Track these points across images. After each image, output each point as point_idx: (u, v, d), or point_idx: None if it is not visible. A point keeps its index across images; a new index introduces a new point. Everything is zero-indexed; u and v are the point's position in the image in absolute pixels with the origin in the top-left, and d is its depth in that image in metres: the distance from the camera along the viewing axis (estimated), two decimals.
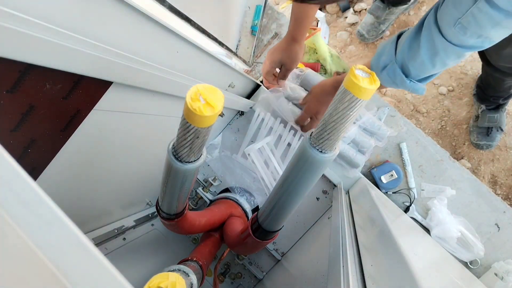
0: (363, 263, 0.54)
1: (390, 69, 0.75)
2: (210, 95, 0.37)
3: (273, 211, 0.60)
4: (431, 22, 0.65)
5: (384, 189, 1.12)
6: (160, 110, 0.69)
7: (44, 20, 0.34)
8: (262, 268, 1.12)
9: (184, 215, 0.63)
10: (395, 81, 0.75)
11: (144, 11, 0.46)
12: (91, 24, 0.42)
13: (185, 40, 0.59)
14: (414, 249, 0.64)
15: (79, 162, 0.58)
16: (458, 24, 0.59)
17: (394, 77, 0.75)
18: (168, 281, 0.39)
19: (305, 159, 0.49)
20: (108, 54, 0.43)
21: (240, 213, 0.97)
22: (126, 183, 0.80)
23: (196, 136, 0.41)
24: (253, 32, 1.25)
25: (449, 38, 0.63)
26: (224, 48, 1.03)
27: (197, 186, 1.11)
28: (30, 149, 0.45)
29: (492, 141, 1.43)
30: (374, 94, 0.87)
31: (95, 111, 0.51)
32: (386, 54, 0.76)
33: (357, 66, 0.40)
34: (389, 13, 1.47)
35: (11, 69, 0.36)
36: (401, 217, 1.04)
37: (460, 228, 1.07)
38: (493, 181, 1.46)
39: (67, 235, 0.20)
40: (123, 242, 0.84)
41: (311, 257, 0.86)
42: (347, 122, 0.43)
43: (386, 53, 0.76)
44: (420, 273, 0.40)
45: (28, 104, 0.40)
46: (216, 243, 0.83)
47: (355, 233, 0.67)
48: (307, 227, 1.07)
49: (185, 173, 0.48)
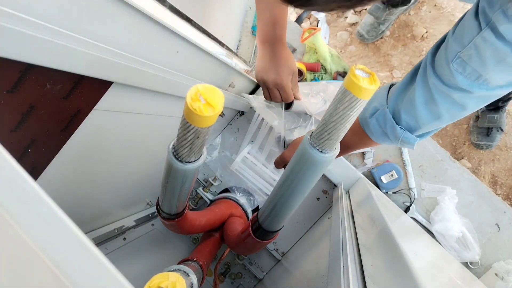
0: (363, 263, 0.54)
1: (380, 114, 0.68)
2: (210, 95, 0.37)
3: (273, 211, 0.60)
4: (427, 62, 0.59)
5: (384, 189, 1.12)
6: (160, 110, 0.69)
7: (44, 20, 0.34)
8: (262, 268, 1.12)
9: (184, 215, 0.63)
10: (385, 129, 0.67)
11: (144, 11, 0.46)
12: (92, 24, 0.42)
13: (185, 40, 0.59)
14: (415, 249, 0.64)
15: (80, 162, 0.58)
16: (458, 58, 0.52)
17: (384, 124, 0.67)
18: (169, 281, 0.39)
19: (305, 159, 0.49)
20: (108, 54, 0.43)
21: (240, 213, 0.97)
22: (126, 183, 0.80)
23: (196, 136, 0.41)
24: (254, 32, 1.25)
25: (445, 78, 0.56)
26: (225, 48, 1.03)
27: (197, 186, 1.11)
28: (30, 149, 0.45)
29: (492, 141, 1.43)
30: None
31: (96, 111, 0.51)
32: (377, 100, 0.69)
33: (357, 66, 0.40)
34: (389, 14, 1.47)
35: (11, 69, 0.36)
36: (401, 217, 1.04)
37: (462, 229, 1.07)
38: (493, 181, 1.45)
39: (67, 235, 0.20)
40: (123, 242, 0.84)
41: (311, 257, 0.86)
42: (347, 122, 0.43)
43: (378, 99, 0.70)
44: (421, 273, 0.40)
45: (28, 104, 0.40)
46: (216, 243, 0.83)
47: (355, 233, 0.67)
48: (307, 227, 1.07)
49: (185, 173, 0.48)
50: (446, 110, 0.60)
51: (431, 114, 0.61)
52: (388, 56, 1.56)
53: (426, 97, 0.60)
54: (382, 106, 0.68)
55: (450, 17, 1.53)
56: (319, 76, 1.23)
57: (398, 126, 0.66)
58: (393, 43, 1.56)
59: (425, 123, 0.64)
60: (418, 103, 0.61)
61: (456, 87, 0.55)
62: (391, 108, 0.67)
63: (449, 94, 0.57)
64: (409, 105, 0.63)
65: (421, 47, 1.53)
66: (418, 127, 0.65)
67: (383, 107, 0.68)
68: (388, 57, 1.55)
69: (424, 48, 1.53)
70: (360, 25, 1.54)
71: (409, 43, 1.55)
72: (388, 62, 1.55)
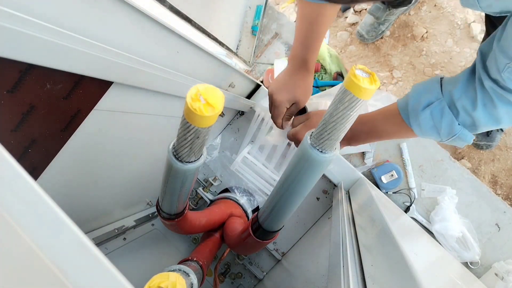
0: (363, 263, 0.54)
1: (435, 108, 0.64)
2: (211, 95, 0.37)
3: (274, 211, 0.60)
4: (479, 68, 0.60)
5: (385, 189, 1.12)
6: (160, 110, 0.69)
7: (44, 20, 0.34)
8: (262, 268, 1.12)
9: (185, 215, 0.63)
10: (440, 122, 0.64)
11: (144, 11, 0.47)
12: (92, 24, 0.42)
13: (185, 40, 0.59)
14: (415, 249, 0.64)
15: (80, 162, 0.58)
16: (508, 68, 0.53)
17: (440, 117, 0.64)
18: (169, 281, 0.39)
19: (305, 159, 0.49)
20: (108, 54, 0.43)
21: (240, 213, 0.97)
22: (126, 183, 0.80)
23: (197, 136, 0.41)
24: (254, 32, 1.25)
25: (500, 83, 0.56)
26: (225, 48, 1.03)
27: (197, 186, 1.11)
28: (30, 149, 0.45)
29: (492, 141, 1.43)
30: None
31: (96, 111, 0.51)
32: (431, 92, 0.65)
33: (357, 66, 0.40)
34: (389, 14, 1.47)
35: (11, 69, 0.36)
36: (402, 217, 1.04)
37: (462, 229, 1.07)
38: (493, 181, 1.45)
39: (67, 235, 0.20)
40: (123, 242, 0.84)
41: (311, 257, 0.86)
42: (347, 122, 0.43)
43: (431, 90, 0.66)
44: (421, 273, 0.40)
45: (28, 104, 0.40)
46: (217, 243, 0.83)
47: (355, 233, 0.67)
48: (307, 227, 1.07)
49: (186, 173, 0.48)
50: (506, 113, 0.59)
51: (490, 116, 0.61)
52: (388, 56, 1.56)
53: (484, 100, 0.59)
54: (438, 99, 0.64)
55: (450, 17, 1.53)
56: (319, 76, 1.23)
57: (457, 122, 0.63)
58: (393, 43, 1.56)
59: (483, 124, 0.63)
60: (479, 104, 0.60)
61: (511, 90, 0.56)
62: (448, 101, 0.63)
63: (507, 97, 0.57)
64: (469, 105, 0.61)
65: (421, 47, 1.53)
66: (475, 127, 0.64)
67: (439, 101, 0.64)
68: (388, 57, 1.55)
69: (424, 48, 1.53)
70: (360, 25, 1.54)
71: (409, 43, 1.55)
72: (388, 62, 1.55)
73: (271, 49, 1.32)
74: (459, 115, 0.63)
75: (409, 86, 1.54)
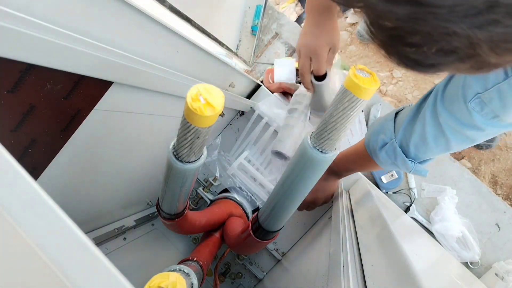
0: (363, 263, 0.54)
1: (389, 148, 0.68)
2: (211, 95, 0.37)
3: (274, 211, 0.60)
4: (437, 99, 0.59)
5: (385, 189, 1.12)
6: (161, 110, 0.69)
7: (44, 20, 0.34)
8: (262, 268, 1.12)
9: (185, 215, 0.63)
10: (395, 161, 0.68)
11: (144, 11, 0.47)
12: (92, 24, 0.42)
13: (185, 40, 0.59)
14: (415, 249, 0.64)
15: (80, 162, 0.58)
16: (477, 99, 0.52)
17: (394, 157, 0.68)
18: (169, 281, 0.39)
19: (306, 159, 0.49)
20: (108, 54, 0.43)
21: (240, 213, 0.97)
22: (126, 183, 0.80)
23: (197, 136, 0.41)
24: (254, 32, 1.26)
25: (459, 115, 0.55)
26: (225, 48, 1.03)
27: (198, 186, 1.11)
28: (30, 149, 0.45)
29: (492, 141, 1.43)
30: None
31: (96, 111, 0.51)
32: (385, 133, 0.69)
33: (357, 66, 0.40)
34: None
35: (11, 69, 0.36)
36: (402, 217, 1.04)
37: (462, 229, 1.07)
38: (493, 181, 1.45)
39: (67, 234, 0.20)
40: (123, 242, 0.84)
41: (311, 257, 0.86)
42: (347, 122, 0.43)
43: (385, 131, 0.69)
44: (421, 273, 0.40)
45: (28, 104, 0.41)
46: (217, 243, 0.83)
47: (355, 233, 0.67)
48: (307, 227, 1.07)
49: (186, 173, 0.48)
50: (456, 144, 0.60)
51: (441, 147, 0.62)
52: None
53: (436, 133, 0.60)
54: (390, 139, 0.68)
55: None
56: None
57: (408, 160, 0.66)
58: None
59: (435, 154, 0.65)
60: (429, 139, 0.61)
61: (470, 124, 0.55)
62: (399, 141, 0.67)
63: (462, 131, 0.57)
64: (418, 140, 0.63)
65: None
66: (428, 158, 0.67)
67: (391, 141, 0.68)
68: None
69: None
70: (360, 25, 1.54)
71: None
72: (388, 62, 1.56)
73: (271, 49, 1.32)
74: (410, 151, 0.66)
75: (409, 86, 1.54)
